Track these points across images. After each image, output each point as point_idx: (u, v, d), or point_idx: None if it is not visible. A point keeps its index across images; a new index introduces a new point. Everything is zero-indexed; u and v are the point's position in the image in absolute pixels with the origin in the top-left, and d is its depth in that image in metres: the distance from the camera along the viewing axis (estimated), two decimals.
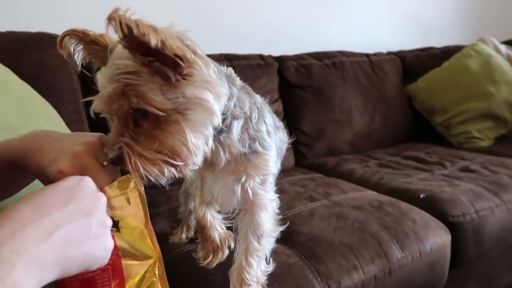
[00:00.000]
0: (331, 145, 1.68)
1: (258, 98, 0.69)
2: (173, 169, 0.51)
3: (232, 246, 0.77)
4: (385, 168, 1.47)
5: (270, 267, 0.73)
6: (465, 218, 1.11)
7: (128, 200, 0.50)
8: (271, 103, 1.56)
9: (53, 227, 0.38)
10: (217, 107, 0.53)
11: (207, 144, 0.55)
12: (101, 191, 0.48)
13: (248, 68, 1.53)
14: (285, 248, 0.87)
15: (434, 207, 1.12)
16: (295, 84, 1.65)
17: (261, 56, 1.61)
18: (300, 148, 1.63)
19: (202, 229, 0.77)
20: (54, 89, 1.17)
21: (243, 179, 0.66)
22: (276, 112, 1.57)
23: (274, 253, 0.84)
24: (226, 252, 0.78)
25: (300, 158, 1.63)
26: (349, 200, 1.11)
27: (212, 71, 0.53)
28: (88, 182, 0.45)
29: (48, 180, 0.48)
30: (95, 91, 1.33)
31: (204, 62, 0.50)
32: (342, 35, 2.08)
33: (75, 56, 0.59)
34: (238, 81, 0.65)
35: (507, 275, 1.36)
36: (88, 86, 1.26)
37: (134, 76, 0.48)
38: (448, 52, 2.08)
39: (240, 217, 0.72)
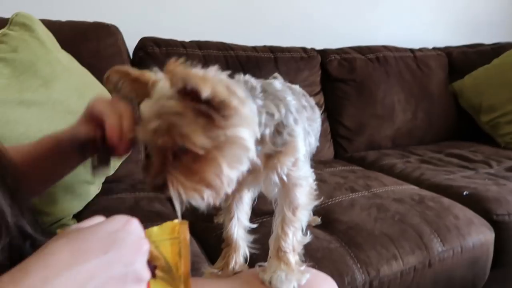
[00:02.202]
0: (371, 139, 1.67)
1: (276, 84, 0.71)
2: (210, 198, 0.56)
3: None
4: (426, 164, 1.45)
5: (307, 239, 0.75)
6: (510, 218, 1.08)
7: (173, 246, 0.47)
8: (312, 95, 1.57)
9: (88, 277, 0.36)
10: (252, 143, 0.57)
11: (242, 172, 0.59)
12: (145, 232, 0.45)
13: (291, 60, 1.55)
14: (326, 234, 0.89)
15: (478, 204, 1.10)
16: (338, 77, 1.65)
17: (304, 49, 1.62)
18: (340, 141, 1.63)
19: (226, 246, 0.78)
20: None
21: (278, 168, 0.70)
22: (317, 105, 1.58)
23: (315, 238, 0.87)
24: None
25: (340, 151, 1.63)
26: (389, 193, 1.11)
27: (248, 109, 0.56)
28: (134, 226, 0.42)
29: None
30: None
31: (242, 102, 0.54)
32: (387, 29, 2.05)
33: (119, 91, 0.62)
34: (257, 85, 0.66)
35: None
36: None
37: (179, 118, 0.51)
38: (498, 49, 2.00)
39: (278, 193, 0.75)
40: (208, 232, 0.94)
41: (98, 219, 0.42)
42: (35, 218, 0.53)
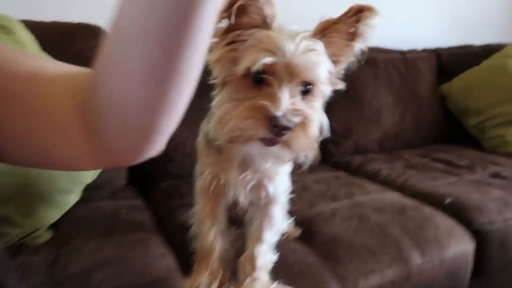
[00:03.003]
0: (358, 143, 1.67)
1: None
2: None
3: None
4: (412, 169, 1.45)
5: (275, 256, 0.75)
6: (491, 226, 1.09)
7: None
8: None
9: None
10: None
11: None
12: None
13: None
14: (304, 247, 0.89)
15: (460, 213, 1.11)
16: None
17: None
18: (326, 145, 1.63)
19: (206, 258, 0.73)
20: None
21: (266, 180, 0.70)
22: None
23: (293, 252, 0.86)
24: None
25: (326, 155, 1.63)
26: (371, 201, 1.11)
27: None
28: None
29: None
30: None
31: None
32: (378, 28, 2.03)
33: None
34: None
35: None
36: None
37: (326, 61, 0.57)
38: (488, 51, 1.99)
39: (252, 210, 0.75)
40: (182, 247, 0.92)
41: None
42: None
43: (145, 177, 1.30)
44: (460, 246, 1.00)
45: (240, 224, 0.91)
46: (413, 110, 1.79)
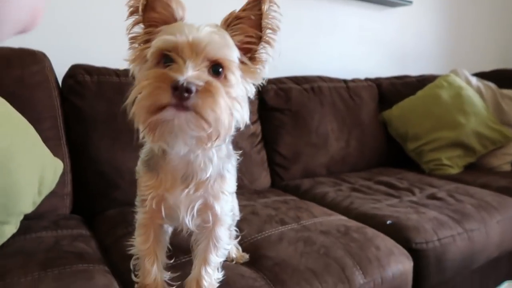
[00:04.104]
0: (307, 167, 1.73)
1: None
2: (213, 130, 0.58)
3: None
4: (357, 192, 1.51)
5: (221, 275, 0.78)
6: (427, 246, 1.16)
7: None
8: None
9: None
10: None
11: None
12: None
13: None
14: (252, 272, 0.90)
15: (399, 233, 1.17)
16: (274, 107, 1.70)
17: None
18: (276, 169, 1.67)
19: None
20: (33, 105, 1.18)
21: (211, 199, 0.71)
22: (254, 134, 1.61)
23: (241, 276, 0.87)
24: None
25: (276, 179, 1.66)
26: (318, 224, 1.14)
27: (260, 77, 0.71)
28: None
29: None
30: (75, 106, 1.34)
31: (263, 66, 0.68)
32: (321, 61, 2.15)
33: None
34: None
35: None
36: (69, 102, 1.28)
37: (233, 45, 0.62)
38: (422, 81, 2.16)
39: (198, 233, 0.76)
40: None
41: None
42: None
43: (90, 205, 1.26)
44: (399, 265, 1.05)
45: (186, 252, 0.91)
46: (357, 135, 1.89)
